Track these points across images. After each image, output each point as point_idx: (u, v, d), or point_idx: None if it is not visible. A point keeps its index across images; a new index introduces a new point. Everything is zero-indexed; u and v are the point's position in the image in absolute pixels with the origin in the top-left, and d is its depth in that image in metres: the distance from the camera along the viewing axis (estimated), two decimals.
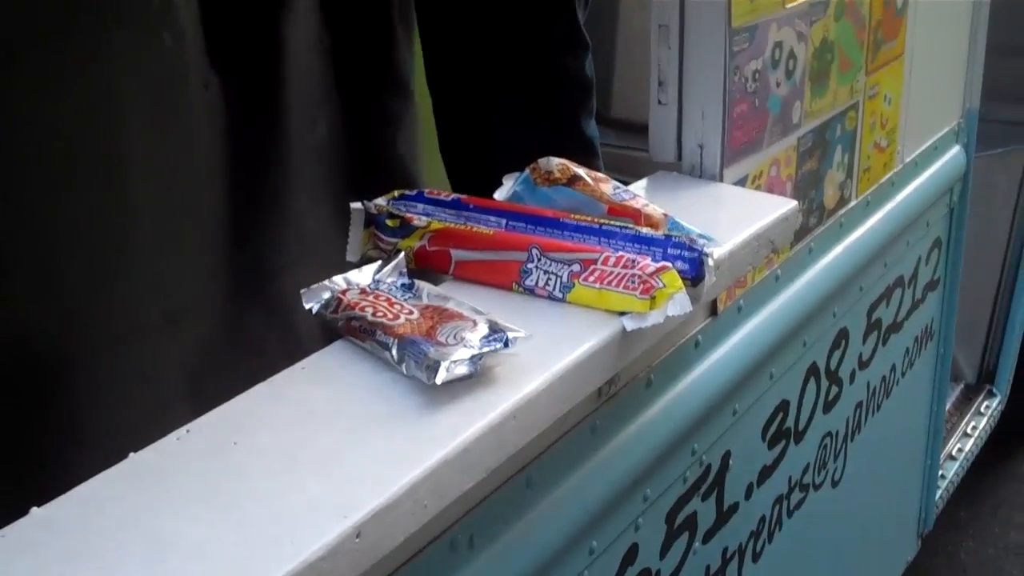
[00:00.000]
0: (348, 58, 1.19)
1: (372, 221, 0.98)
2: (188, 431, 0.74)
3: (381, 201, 1.00)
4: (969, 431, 2.40)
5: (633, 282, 0.89)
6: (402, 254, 0.96)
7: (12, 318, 0.97)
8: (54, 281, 1.00)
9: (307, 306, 0.88)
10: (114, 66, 1.00)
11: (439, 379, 0.76)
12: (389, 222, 0.98)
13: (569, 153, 1.07)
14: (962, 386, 2.56)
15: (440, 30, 1.28)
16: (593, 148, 1.32)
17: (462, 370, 0.77)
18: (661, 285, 0.89)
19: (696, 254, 0.93)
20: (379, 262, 0.95)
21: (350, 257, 0.99)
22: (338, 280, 0.90)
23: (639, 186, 1.20)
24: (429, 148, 1.33)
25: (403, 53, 1.25)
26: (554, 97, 1.28)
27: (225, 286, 1.15)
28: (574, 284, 0.91)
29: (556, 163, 1.04)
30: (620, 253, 0.92)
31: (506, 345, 0.80)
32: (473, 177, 1.24)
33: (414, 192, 1.02)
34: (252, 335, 1.17)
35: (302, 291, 0.89)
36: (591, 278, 0.91)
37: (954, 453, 2.33)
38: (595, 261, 0.92)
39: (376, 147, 1.25)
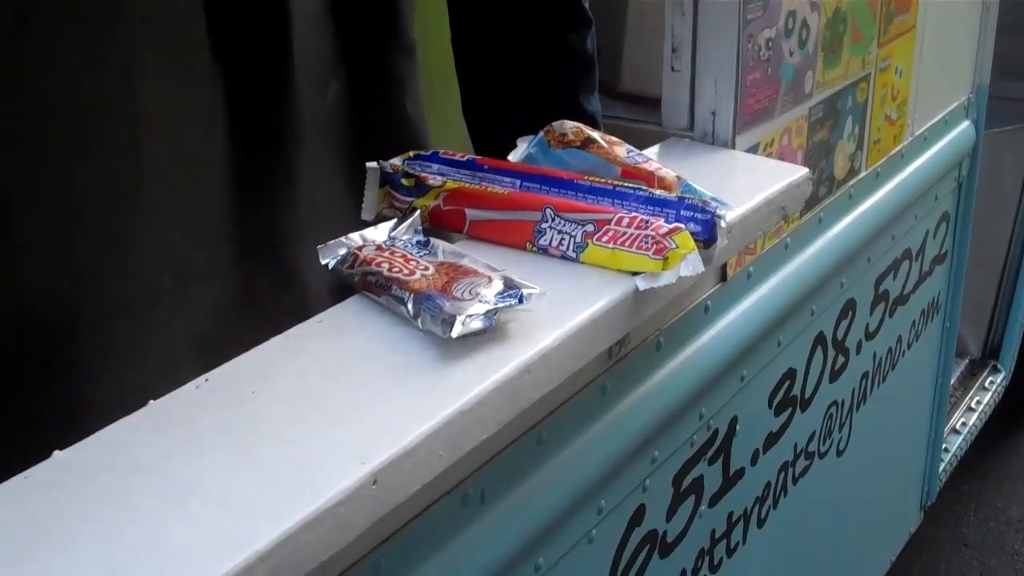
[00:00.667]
0: (353, 20, 1.20)
1: (387, 180, 0.99)
2: (207, 380, 0.75)
3: (396, 161, 1.01)
4: (973, 405, 2.41)
5: (646, 242, 0.90)
6: (417, 212, 0.97)
7: (25, 282, 0.98)
8: (66, 246, 1.01)
9: (323, 262, 0.89)
10: (123, 34, 1.00)
11: (454, 333, 0.77)
12: (404, 181, 0.99)
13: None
14: (967, 361, 2.57)
15: (464, 14, 1.29)
16: (595, 124, 1.32)
17: (477, 324, 0.78)
18: (674, 246, 0.89)
19: (709, 216, 0.94)
20: (394, 220, 0.96)
21: (365, 216, 0.99)
22: (354, 237, 0.91)
23: (652, 151, 1.20)
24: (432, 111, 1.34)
25: (405, 10, 1.25)
26: (556, 73, 1.28)
27: (236, 251, 1.16)
28: (588, 244, 0.92)
29: (570, 126, 1.05)
30: (633, 214, 0.93)
31: (521, 301, 0.80)
32: (486, 145, 1.25)
33: (429, 152, 1.03)
34: (263, 300, 1.18)
35: (319, 247, 0.90)
36: (605, 238, 0.92)
37: (958, 427, 2.34)
38: (609, 222, 0.92)
39: (385, 108, 1.26)
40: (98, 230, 1.02)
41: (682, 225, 0.91)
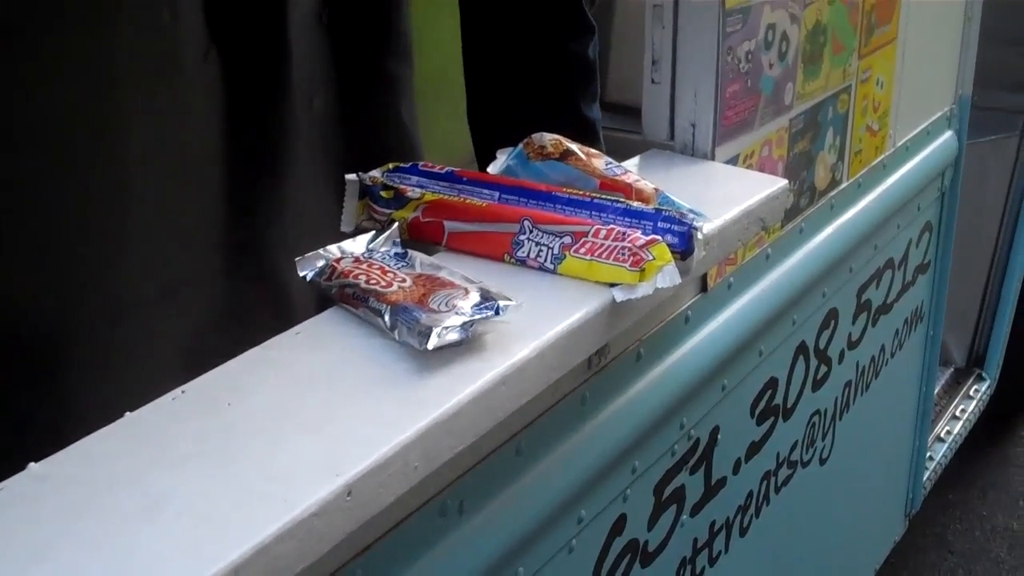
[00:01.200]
0: (349, 26, 1.20)
1: (367, 192, 1.00)
2: (184, 392, 0.76)
3: (376, 173, 1.01)
4: (958, 414, 2.42)
5: (623, 254, 0.91)
6: (396, 224, 0.97)
7: (8, 291, 0.98)
8: (50, 255, 1.01)
9: (301, 274, 0.89)
10: (112, 41, 1.01)
11: (431, 345, 0.77)
12: (383, 193, 0.99)
13: (570, 135, 1.08)
14: (952, 370, 2.58)
15: (468, 5, 1.30)
16: (594, 131, 1.33)
17: (453, 336, 0.78)
18: (651, 258, 0.90)
19: (686, 228, 0.94)
20: (373, 232, 0.96)
21: (344, 227, 1.00)
22: (332, 249, 0.91)
23: (631, 163, 1.21)
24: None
25: (404, 18, 1.26)
26: (558, 80, 1.29)
27: (221, 260, 1.16)
28: (565, 256, 0.93)
29: (549, 138, 1.06)
30: (611, 226, 0.93)
31: (497, 313, 0.81)
32: (489, 151, 1.25)
33: (408, 164, 1.04)
34: (247, 309, 1.18)
35: (297, 259, 0.90)
36: (582, 250, 0.92)
37: (943, 435, 2.35)
38: (586, 233, 0.93)
39: (379, 116, 1.26)
40: (82, 239, 1.02)
41: (659, 237, 0.92)
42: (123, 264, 1.06)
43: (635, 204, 0.98)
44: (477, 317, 0.80)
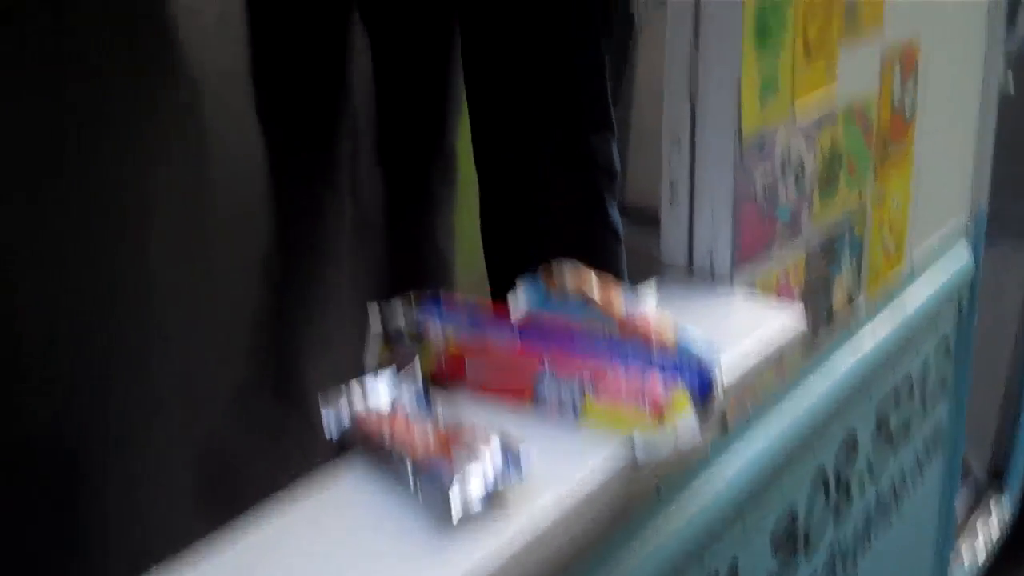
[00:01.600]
0: (395, 137, 1.20)
1: (389, 337, 1.00)
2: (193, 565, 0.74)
3: (399, 313, 1.01)
4: (980, 530, 2.36)
5: (643, 403, 0.90)
6: (417, 358, 0.97)
7: (24, 418, 0.98)
8: (66, 379, 1.01)
9: (327, 434, 0.88)
10: (134, 130, 1.01)
11: (455, 518, 0.76)
12: (407, 337, 0.99)
13: (597, 236, 1.08)
14: (971, 482, 2.53)
15: (484, 106, 1.30)
16: (618, 233, 1.33)
17: (476, 509, 0.78)
18: (670, 406, 0.90)
19: (706, 377, 0.94)
20: (395, 372, 0.96)
21: (368, 368, 1.00)
22: (356, 395, 0.90)
23: (649, 291, 1.20)
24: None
25: (450, 136, 1.26)
26: (583, 178, 1.29)
27: (244, 374, 1.16)
28: (586, 401, 0.92)
29: (569, 274, 1.05)
30: (631, 371, 0.93)
31: (520, 473, 0.80)
32: (509, 257, 1.25)
33: (430, 297, 1.03)
34: (266, 423, 1.18)
35: (320, 398, 0.89)
36: (603, 396, 0.92)
37: (965, 558, 2.29)
38: (607, 379, 0.93)
39: (413, 233, 1.26)
40: (98, 362, 1.02)
41: (679, 384, 0.91)
42: (145, 382, 1.06)
43: (655, 350, 0.98)
44: (501, 484, 0.79)
